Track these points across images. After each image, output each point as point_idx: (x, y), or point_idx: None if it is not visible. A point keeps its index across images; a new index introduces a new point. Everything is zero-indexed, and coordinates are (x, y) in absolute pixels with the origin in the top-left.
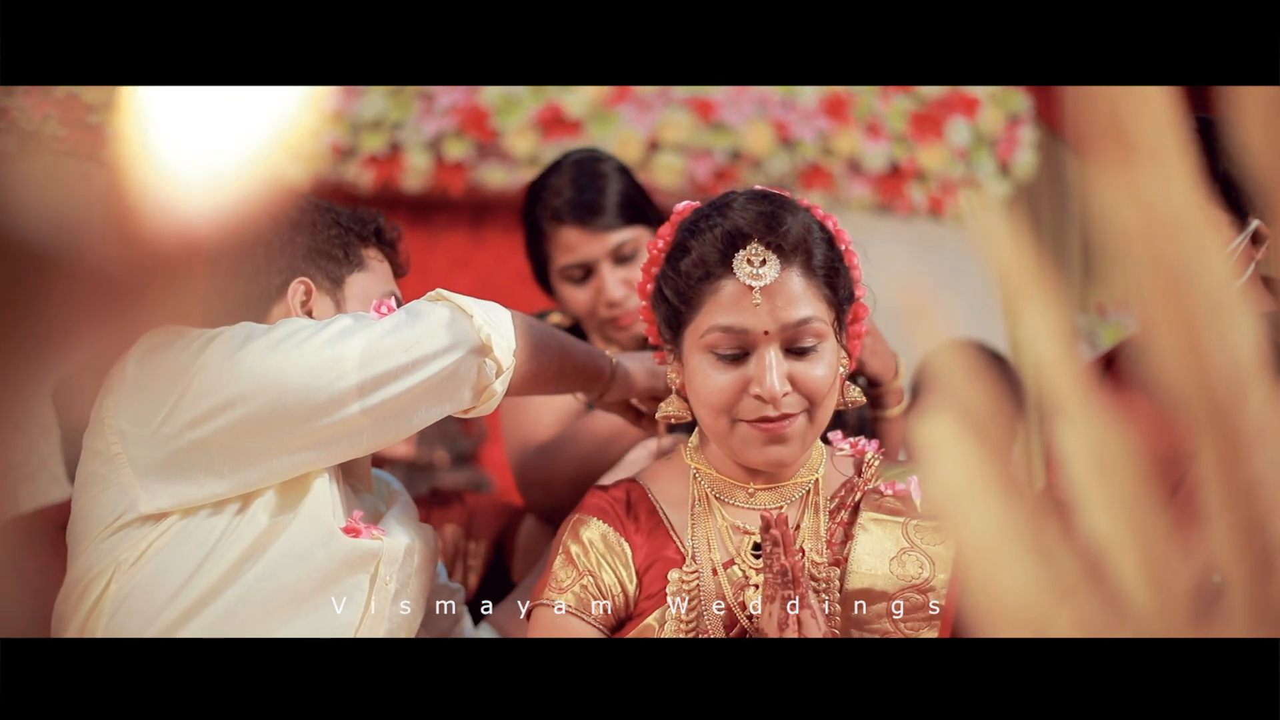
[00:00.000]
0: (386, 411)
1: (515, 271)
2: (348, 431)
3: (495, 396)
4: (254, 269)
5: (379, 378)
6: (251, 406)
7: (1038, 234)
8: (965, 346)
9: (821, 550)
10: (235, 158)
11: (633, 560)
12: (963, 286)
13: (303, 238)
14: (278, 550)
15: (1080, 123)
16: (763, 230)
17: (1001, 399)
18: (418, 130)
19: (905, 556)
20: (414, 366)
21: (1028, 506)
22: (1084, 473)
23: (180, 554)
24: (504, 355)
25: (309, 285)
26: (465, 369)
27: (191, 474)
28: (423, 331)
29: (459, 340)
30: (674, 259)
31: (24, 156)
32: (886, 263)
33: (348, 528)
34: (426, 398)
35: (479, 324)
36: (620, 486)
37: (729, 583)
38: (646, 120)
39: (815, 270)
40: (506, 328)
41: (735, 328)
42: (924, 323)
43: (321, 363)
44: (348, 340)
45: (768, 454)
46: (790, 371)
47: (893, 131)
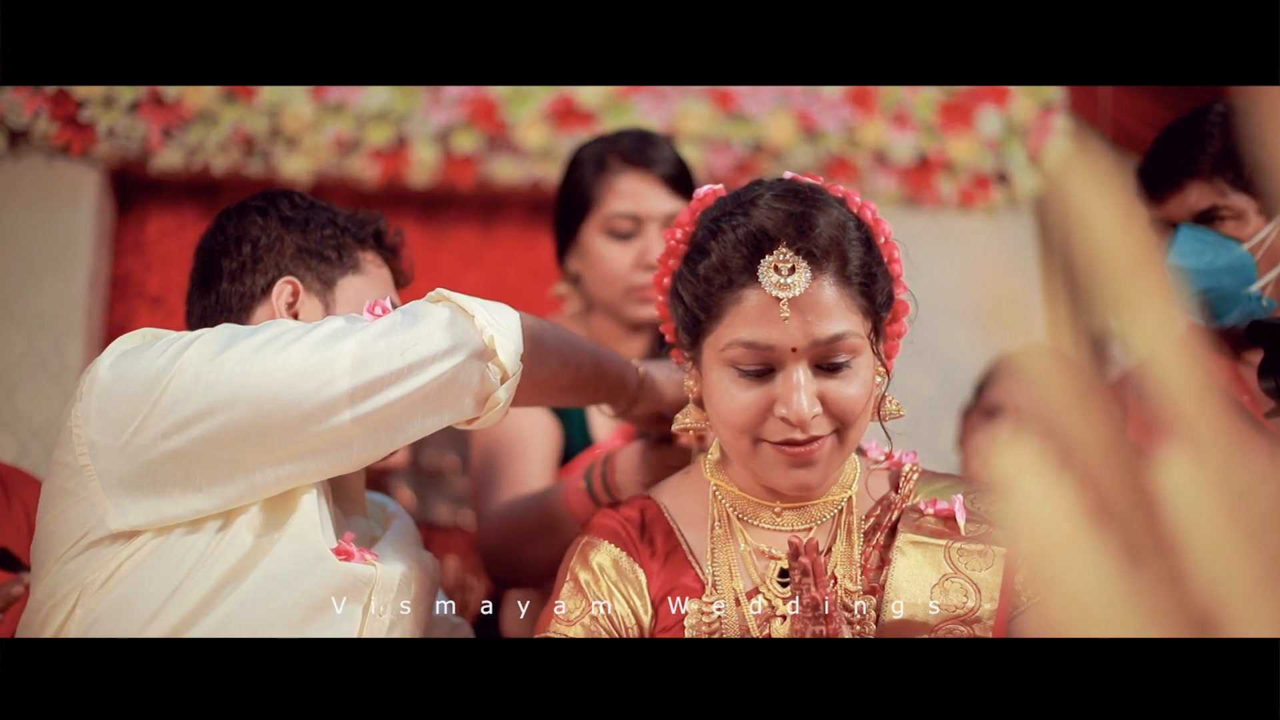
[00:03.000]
0: (380, 420)
1: (527, 269)
2: (337, 442)
3: (500, 405)
4: (239, 268)
5: (372, 383)
6: (233, 414)
7: (1106, 166)
8: (1051, 353)
9: (855, 577)
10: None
11: (647, 588)
12: (992, 283)
13: (293, 236)
14: (261, 573)
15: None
16: (792, 234)
17: (1095, 414)
18: (425, 122)
19: (948, 584)
20: (410, 371)
21: (1123, 544)
22: (1198, 503)
23: (153, 576)
24: (509, 360)
25: (296, 286)
26: (466, 375)
27: (166, 488)
28: (420, 334)
29: (459, 343)
30: (693, 259)
31: (14, 154)
32: (913, 259)
33: (339, 549)
34: (424, 406)
35: (481, 325)
36: (634, 504)
37: (752, 615)
38: (663, 111)
39: (850, 278)
40: (513, 330)
41: (760, 343)
42: (1008, 321)
43: (310, 367)
44: (338, 343)
45: (793, 478)
46: (820, 390)
47: (920, 121)
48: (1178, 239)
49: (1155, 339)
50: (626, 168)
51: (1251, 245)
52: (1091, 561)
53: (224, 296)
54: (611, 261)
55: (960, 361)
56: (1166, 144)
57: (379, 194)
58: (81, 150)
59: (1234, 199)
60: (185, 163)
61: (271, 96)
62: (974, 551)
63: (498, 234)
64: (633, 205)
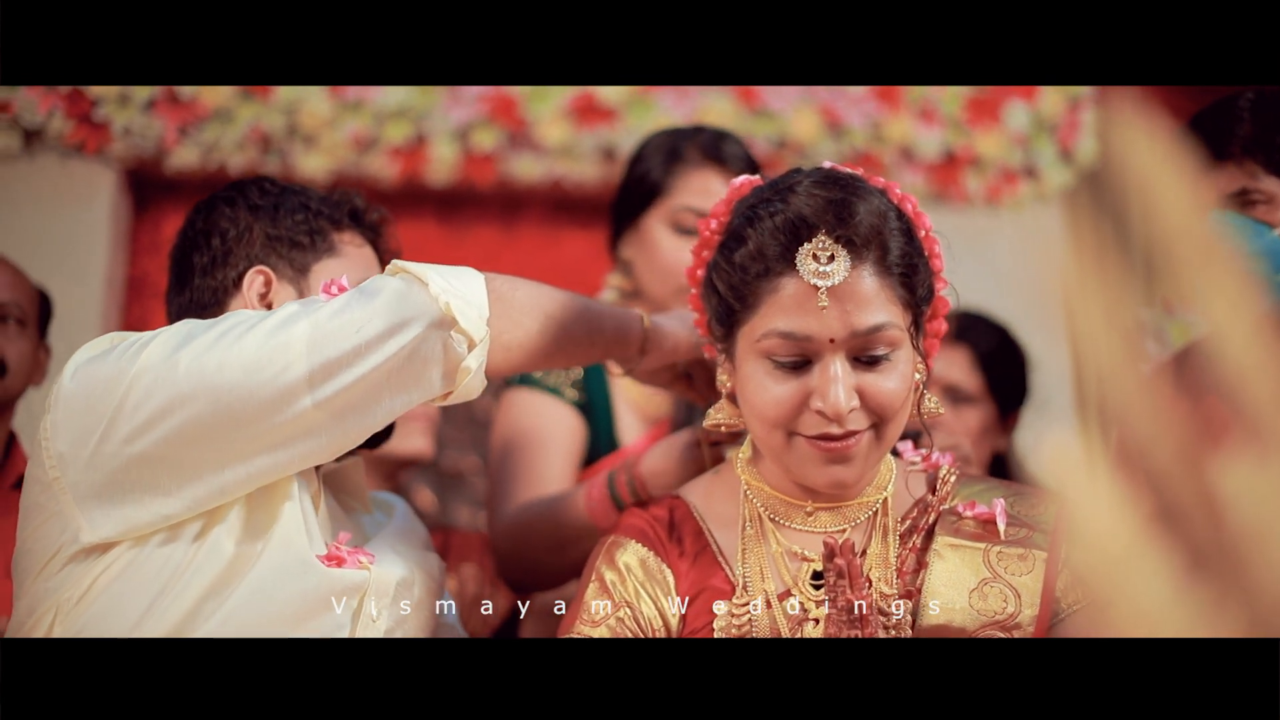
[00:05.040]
0: (343, 404)
1: (548, 267)
2: (303, 430)
3: (472, 375)
4: (210, 262)
5: (328, 365)
6: (192, 411)
7: (1100, 224)
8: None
9: (891, 580)
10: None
11: (675, 589)
12: (1022, 280)
13: (262, 224)
14: (245, 587)
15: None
16: (831, 221)
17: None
18: (444, 120)
19: (987, 588)
20: (367, 349)
21: (1186, 550)
22: (1266, 506)
23: (131, 589)
24: (473, 326)
25: (268, 275)
26: (427, 347)
27: (135, 494)
28: (374, 309)
29: (415, 314)
30: (728, 248)
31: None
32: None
33: (329, 555)
34: (388, 384)
35: (436, 292)
36: (662, 503)
37: (784, 617)
38: (686, 107)
39: (891, 268)
40: (474, 293)
41: (797, 333)
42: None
43: (264, 355)
44: (292, 327)
45: (828, 474)
46: (859, 384)
47: (947, 117)
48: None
49: (1228, 324)
50: (702, 162)
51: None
52: (1151, 569)
53: (198, 292)
54: (671, 255)
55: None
56: (1197, 128)
57: (397, 192)
58: (97, 149)
59: (1265, 183)
60: (201, 161)
61: (289, 94)
62: (1014, 555)
63: (518, 232)
64: (703, 201)
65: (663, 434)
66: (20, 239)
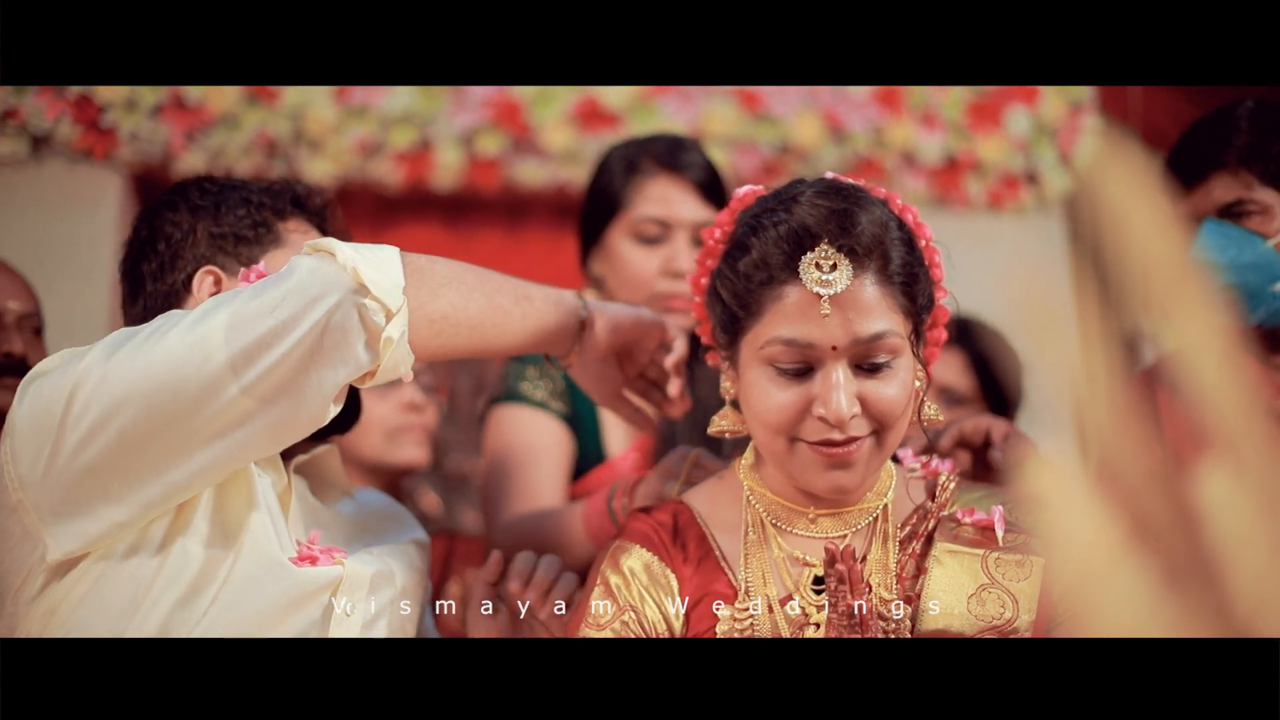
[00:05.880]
0: (271, 387)
1: (554, 272)
2: (237, 419)
3: (395, 346)
4: (159, 268)
5: (249, 349)
6: (129, 415)
7: (1145, 171)
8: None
9: (891, 585)
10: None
11: (679, 593)
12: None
13: (205, 224)
14: (221, 596)
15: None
16: (834, 230)
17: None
18: (449, 125)
19: (985, 594)
20: (285, 329)
21: (1163, 564)
22: (1241, 521)
23: (102, 604)
24: (388, 294)
25: (217, 274)
26: (341, 318)
27: (89, 506)
28: (288, 288)
29: (326, 285)
30: (733, 256)
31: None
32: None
33: (301, 555)
34: (313, 361)
35: (343, 261)
36: (666, 509)
37: (786, 621)
38: (689, 112)
39: (892, 277)
40: (386, 262)
41: (800, 341)
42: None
43: (186, 348)
44: (211, 318)
45: (830, 479)
46: (860, 391)
47: (949, 122)
48: (1202, 233)
49: (1197, 347)
50: (658, 171)
51: (1278, 241)
52: (1129, 583)
53: (151, 299)
54: (636, 266)
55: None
56: (1194, 137)
57: (403, 197)
58: (104, 154)
59: (1261, 193)
60: (208, 167)
61: (295, 100)
62: (1012, 562)
63: (523, 237)
64: (662, 210)
65: (648, 443)
66: (28, 244)
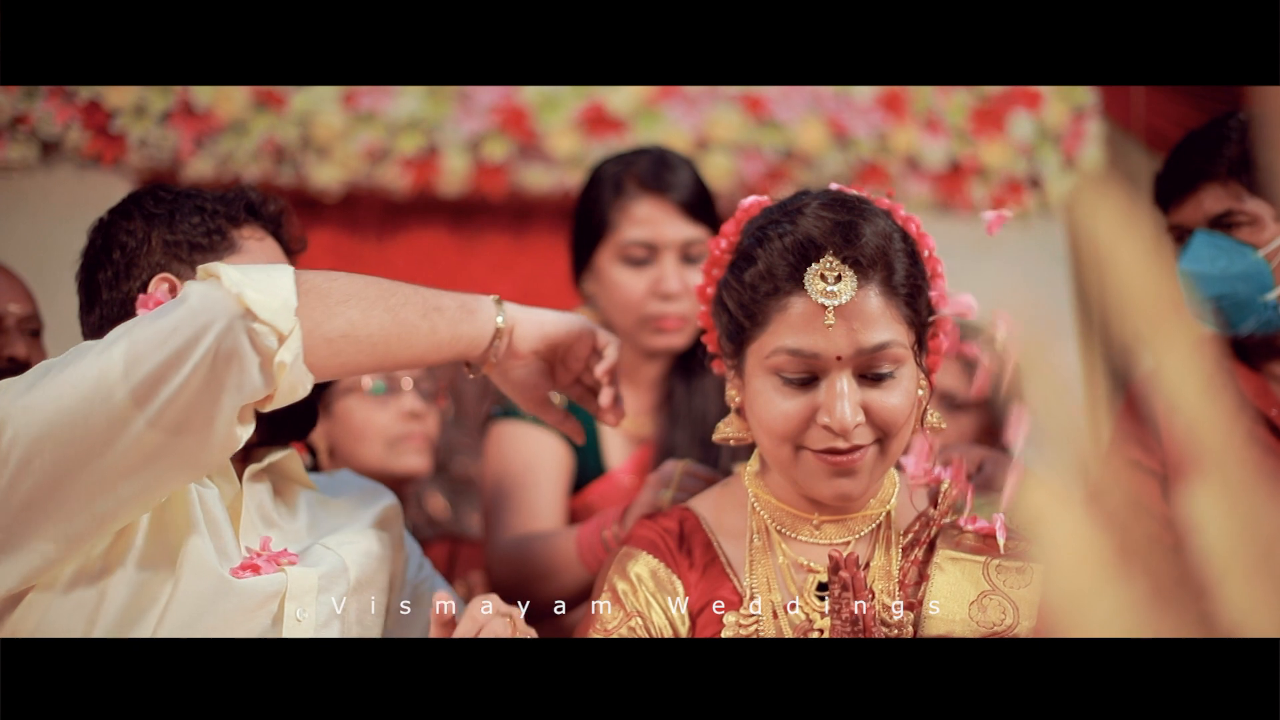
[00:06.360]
0: (175, 419)
1: (560, 277)
2: (151, 452)
3: (289, 370)
4: (114, 276)
5: (148, 381)
6: (47, 455)
7: (1130, 208)
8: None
9: (893, 592)
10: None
11: (685, 599)
12: (1026, 289)
13: (159, 231)
14: (167, 620)
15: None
16: (839, 242)
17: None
18: (456, 131)
19: (986, 600)
20: (179, 358)
21: (1150, 586)
22: (1226, 543)
23: (51, 635)
24: (277, 317)
25: (172, 281)
26: (230, 342)
27: (24, 541)
28: (179, 315)
29: (213, 311)
30: (738, 267)
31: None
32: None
33: (244, 564)
34: (210, 390)
35: (229, 285)
36: (672, 515)
37: (790, 627)
38: (694, 118)
39: (896, 288)
40: (274, 284)
41: (805, 351)
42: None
43: (90, 383)
44: (112, 350)
45: (834, 487)
46: (864, 400)
47: (952, 127)
48: (1192, 244)
49: (1178, 376)
50: (642, 193)
51: (1267, 252)
52: (1114, 603)
53: (106, 308)
54: (625, 289)
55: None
56: (1185, 148)
57: (410, 203)
58: (113, 160)
59: (1250, 204)
60: (216, 173)
61: (302, 106)
62: (1013, 569)
63: (529, 242)
64: (648, 232)
65: (647, 455)
66: (38, 249)
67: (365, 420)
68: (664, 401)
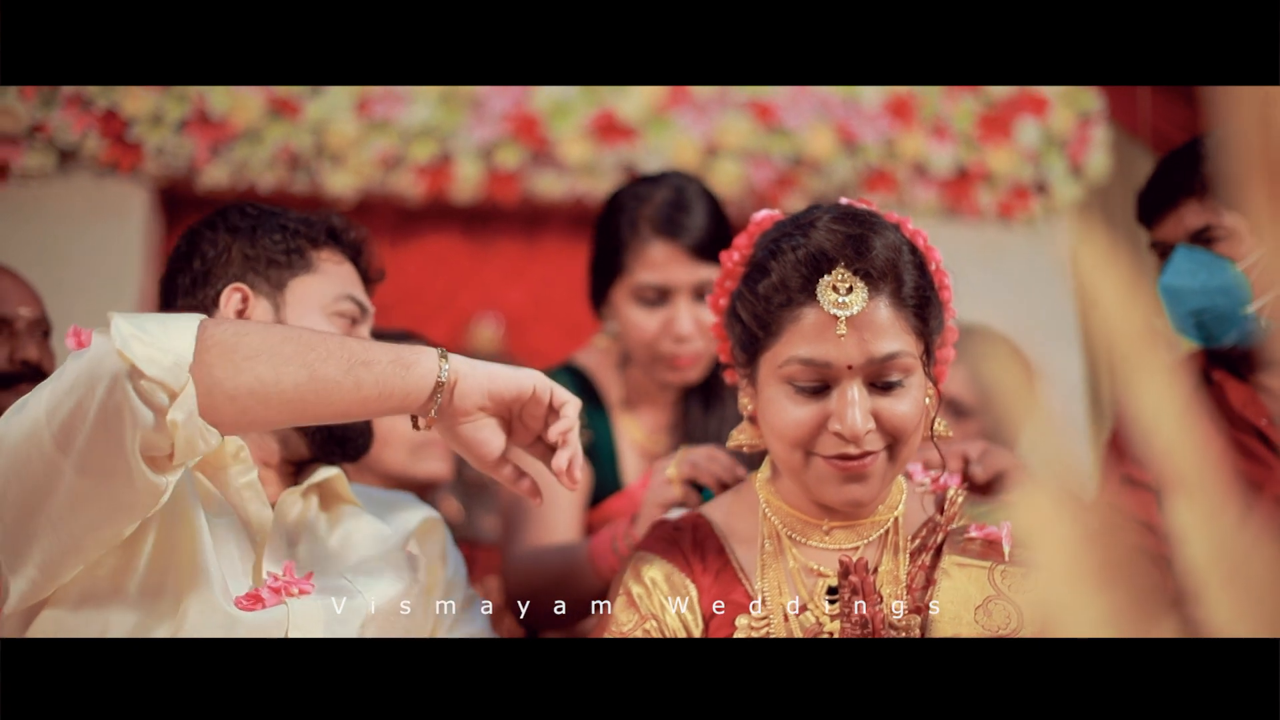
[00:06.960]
0: (97, 465)
1: (571, 283)
2: (83, 496)
3: (181, 427)
4: (192, 283)
5: (64, 429)
6: (12, 489)
7: (1111, 240)
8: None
9: (901, 596)
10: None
11: (698, 603)
12: (1034, 295)
13: (240, 245)
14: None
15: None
16: (850, 255)
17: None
18: (468, 138)
19: (991, 605)
20: (80, 409)
21: (1135, 598)
22: (1206, 557)
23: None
24: (169, 374)
25: (245, 292)
26: (116, 400)
27: (16, 566)
28: (80, 366)
29: (100, 367)
30: (752, 279)
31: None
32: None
33: (249, 595)
34: (111, 441)
35: (116, 340)
36: (685, 520)
37: (801, 629)
38: (704, 125)
39: (905, 300)
40: (174, 341)
41: (817, 360)
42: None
43: (28, 425)
44: (41, 393)
45: (845, 493)
46: (874, 408)
47: (959, 133)
48: (1173, 259)
49: (1156, 408)
50: (655, 237)
51: (1246, 265)
52: (1099, 617)
53: (180, 312)
54: (639, 328)
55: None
56: (1166, 166)
57: (423, 209)
58: (130, 168)
59: (1228, 219)
60: (232, 180)
61: (317, 114)
62: (1018, 574)
63: (541, 248)
64: (660, 276)
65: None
66: (56, 255)
67: (389, 426)
68: (681, 419)
